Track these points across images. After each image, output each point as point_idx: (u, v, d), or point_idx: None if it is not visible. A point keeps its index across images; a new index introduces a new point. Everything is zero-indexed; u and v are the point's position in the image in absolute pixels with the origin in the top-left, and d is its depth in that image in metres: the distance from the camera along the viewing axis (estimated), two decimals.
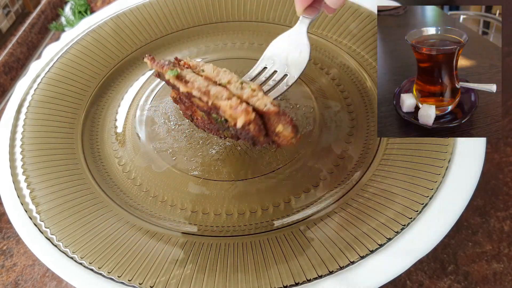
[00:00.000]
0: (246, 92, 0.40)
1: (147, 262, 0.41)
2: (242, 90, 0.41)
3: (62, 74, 0.58)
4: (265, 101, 0.39)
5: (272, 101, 0.39)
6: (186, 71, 0.43)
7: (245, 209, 0.46)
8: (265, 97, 0.40)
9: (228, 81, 0.42)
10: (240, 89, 0.41)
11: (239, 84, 0.41)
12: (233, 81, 0.42)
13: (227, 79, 0.42)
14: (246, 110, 0.38)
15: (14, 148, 0.51)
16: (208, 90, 0.40)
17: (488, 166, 0.58)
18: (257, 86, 0.41)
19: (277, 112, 0.39)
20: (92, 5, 0.86)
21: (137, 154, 0.52)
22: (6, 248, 0.56)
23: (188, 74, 0.43)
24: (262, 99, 0.39)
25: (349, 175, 0.48)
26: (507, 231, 0.52)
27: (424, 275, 0.50)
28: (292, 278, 0.39)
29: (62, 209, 0.45)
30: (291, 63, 0.46)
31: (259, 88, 0.41)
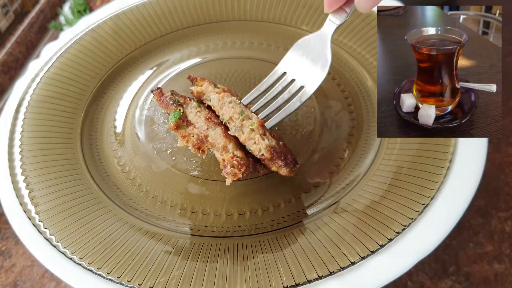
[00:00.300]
0: (244, 135, 0.43)
1: (146, 263, 0.40)
2: (241, 130, 0.44)
3: (61, 73, 0.58)
4: (260, 146, 0.42)
5: (267, 146, 0.42)
6: (190, 108, 0.47)
7: (245, 209, 0.46)
8: (261, 142, 0.42)
9: (230, 117, 0.45)
10: (240, 129, 0.44)
11: (240, 121, 0.44)
12: (235, 118, 0.45)
13: (229, 116, 0.45)
14: (233, 173, 0.42)
15: (13, 148, 0.51)
16: (206, 135, 0.45)
17: (490, 166, 0.58)
18: (257, 124, 0.43)
19: (270, 159, 0.42)
20: (91, 4, 0.86)
21: (136, 154, 0.52)
22: (5, 249, 0.56)
23: (191, 113, 0.46)
24: (258, 143, 0.43)
25: (349, 175, 0.48)
26: (509, 231, 0.52)
27: (425, 276, 0.49)
28: (292, 279, 0.38)
29: (61, 210, 0.45)
30: (309, 74, 0.46)
31: (259, 126, 0.43)
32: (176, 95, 0.48)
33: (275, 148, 0.43)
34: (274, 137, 0.44)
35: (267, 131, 0.44)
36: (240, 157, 0.43)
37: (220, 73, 0.60)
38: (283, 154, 0.43)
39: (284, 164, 0.42)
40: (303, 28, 0.63)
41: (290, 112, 0.46)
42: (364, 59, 0.58)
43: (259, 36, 0.64)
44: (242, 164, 0.42)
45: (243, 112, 0.45)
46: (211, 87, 0.48)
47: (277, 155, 0.42)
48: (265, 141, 0.43)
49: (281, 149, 0.43)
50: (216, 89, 0.48)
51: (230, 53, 0.63)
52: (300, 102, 0.45)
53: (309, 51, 0.46)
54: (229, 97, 0.46)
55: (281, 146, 0.44)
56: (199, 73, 0.60)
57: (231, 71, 0.60)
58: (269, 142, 0.43)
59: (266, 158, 0.42)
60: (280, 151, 0.43)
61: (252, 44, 0.63)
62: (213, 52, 0.63)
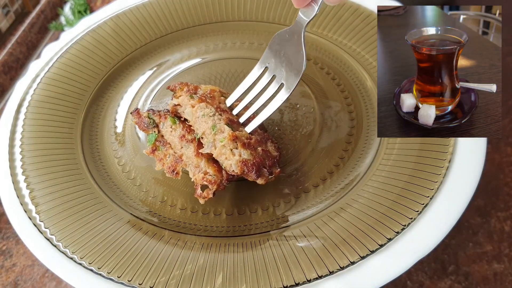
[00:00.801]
0: (216, 151, 0.43)
1: (147, 262, 0.41)
2: (214, 145, 0.44)
3: (61, 74, 0.58)
4: (231, 162, 0.42)
5: (237, 162, 0.42)
6: (165, 126, 0.47)
7: (245, 209, 0.46)
8: (232, 158, 0.42)
9: (203, 132, 0.45)
10: (213, 144, 0.44)
11: (213, 136, 0.44)
12: (207, 133, 0.44)
13: (202, 131, 0.45)
14: (203, 195, 0.43)
15: (13, 148, 0.51)
16: (181, 155, 0.46)
17: (489, 166, 0.58)
18: (228, 139, 0.43)
19: (242, 173, 0.42)
20: (91, 5, 0.86)
21: (137, 154, 0.52)
22: (5, 249, 0.56)
23: (166, 132, 0.47)
24: (229, 159, 0.42)
25: (349, 175, 0.48)
26: (508, 231, 0.52)
27: (424, 276, 0.50)
28: (292, 278, 0.38)
29: (61, 209, 0.45)
30: (287, 71, 0.46)
31: (230, 140, 0.43)
32: (153, 114, 0.47)
33: (246, 162, 0.42)
34: (250, 145, 0.43)
35: (240, 143, 0.43)
36: (212, 174, 0.43)
37: (220, 73, 0.60)
38: (256, 165, 0.42)
39: (256, 176, 0.42)
40: None
41: (269, 115, 0.45)
42: (363, 59, 0.58)
43: (259, 36, 0.64)
44: (213, 182, 0.43)
45: (214, 126, 0.44)
46: (187, 99, 0.47)
47: (249, 168, 0.42)
48: (235, 156, 0.42)
49: (256, 160, 0.42)
50: (191, 100, 0.46)
51: (230, 53, 0.63)
52: (281, 101, 0.45)
53: (286, 46, 0.46)
54: (203, 109, 0.45)
55: (258, 154, 0.43)
56: (199, 73, 0.60)
57: (231, 71, 0.60)
58: (241, 156, 0.42)
59: (237, 174, 0.42)
60: (254, 163, 0.42)
61: (252, 44, 0.64)
62: (213, 52, 0.63)
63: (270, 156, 0.44)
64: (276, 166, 0.44)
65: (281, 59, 0.46)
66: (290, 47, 0.45)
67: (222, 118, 0.45)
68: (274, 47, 0.47)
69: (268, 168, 0.43)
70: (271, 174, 0.43)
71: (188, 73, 0.61)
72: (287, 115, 0.54)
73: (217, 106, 0.47)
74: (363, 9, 0.61)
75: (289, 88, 0.45)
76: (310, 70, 0.59)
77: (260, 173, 0.42)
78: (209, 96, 0.48)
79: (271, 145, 0.46)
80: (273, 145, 0.47)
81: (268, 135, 0.48)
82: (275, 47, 0.47)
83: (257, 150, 0.43)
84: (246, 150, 0.42)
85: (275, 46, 0.46)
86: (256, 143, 0.44)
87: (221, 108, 0.47)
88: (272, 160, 0.44)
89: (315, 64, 0.60)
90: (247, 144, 0.43)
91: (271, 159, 0.44)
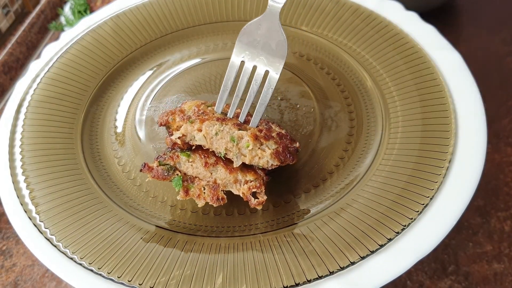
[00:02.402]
0: (247, 158, 0.43)
1: (147, 263, 0.41)
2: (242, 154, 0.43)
3: (61, 74, 0.58)
4: (266, 159, 0.43)
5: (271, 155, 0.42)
6: (182, 165, 0.45)
7: (245, 209, 0.46)
8: (265, 154, 0.42)
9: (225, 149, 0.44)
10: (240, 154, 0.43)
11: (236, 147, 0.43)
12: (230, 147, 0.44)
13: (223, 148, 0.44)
14: (259, 203, 0.43)
15: (13, 148, 0.51)
16: (215, 180, 0.44)
17: (489, 166, 0.58)
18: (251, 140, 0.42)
19: (281, 162, 0.43)
20: (91, 5, 0.86)
21: (137, 154, 0.52)
22: (5, 249, 0.56)
23: (188, 168, 0.45)
24: (263, 157, 0.42)
25: (349, 175, 0.48)
26: (508, 231, 0.52)
27: (424, 276, 0.50)
28: (292, 279, 0.38)
29: (61, 210, 0.45)
30: (268, 56, 0.45)
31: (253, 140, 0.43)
32: (164, 161, 0.45)
33: (277, 152, 0.43)
34: (267, 136, 0.44)
35: (262, 138, 0.43)
36: (253, 179, 0.43)
37: (220, 73, 0.60)
38: (285, 148, 0.43)
39: (292, 159, 0.43)
40: (303, 28, 0.63)
41: (267, 102, 0.45)
42: (363, 59, 0.58)
43: None
44: (258, 186, 0.43)
45: (233, 138, 0.43)
46: (188, 125, 0.45)
47: (284, 155, 0.43)
48: (266, 152, 0.43)
49: (282, 145, 0.43)
50: (195, 125, 0.45)
51: (230, 53, 0.62)
52: (271, 89, 0.45)
53: (260, 34, 0.45)
54: (212, 127, 0.44)
55: (278, 138, 0.44)
56: (199, 73, 0.60)
57: None
58: (270, 148, 0.43)
59: (277, 166, 0.43)
60: (283, 148, 0.43)
61: None
62: (213, 52, 0.63)
63: (284, 135, 0.45)
64: (294, 141, 0.45)
65: (257, 48, 0.46)
66: (266, 34, 0.45)
67: (230, 126, 0.44)
68: (244, 40, 0.46)
69: (291, 146, 0.44)
70: (296, 151, 0.44)
71: (188, 73, 0.61)
72: (287, 115, 0.54)
73: (217, 118, 0.45)
74: (363, 9, 0.61)
75: (276, 72, 0.45)
76: (310, 70, 0.59)
77: (292, 154, 0.44)
78: (201, 112, 0.47)
79: (275, 126, 0.47)
80: (276, 125, 0.48)
81: (266, 120, 0.49)
82: (245, 39, 0.46)
83: (274, 137, 0.44)
84: (270, 142, 0.43)
85: (246, 38, 0.46)
86: (268, 131, 0.45)
87: (220, 118, 0.45)
88: (289, 138, 0.45)
89: (315, 64, 0.60)
90: (267, 135, 0.44)
91: (287, 138, 0.45)
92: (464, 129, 0.47)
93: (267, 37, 0.45)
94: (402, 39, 0.57)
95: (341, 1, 0.62)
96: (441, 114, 0.49)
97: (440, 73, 0.52)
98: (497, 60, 0.73)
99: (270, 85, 0.45)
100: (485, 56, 0.74)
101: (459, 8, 0.83)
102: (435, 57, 0.55)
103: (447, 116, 0.48)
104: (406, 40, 0.57)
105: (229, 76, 0.47)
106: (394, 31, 0.58)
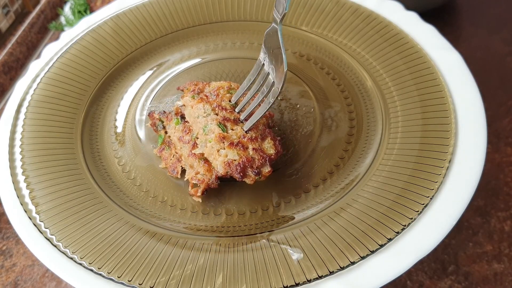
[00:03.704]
0: (206, 151, 0.45)
1: (147, 262, 0.41)
2: (206, 145, 0.45)
3: (61, 74, 0.58)
4: (217, 162, 0.43)
5: (222, 162, 0.43)
6: (171, 127, 0.50)
7: (245, 209, 0.46)
8: (218, 158, 0.43)
9: (197, 133, 0.46)
10: (205, 145, 0.45)
11: (205, 136, 0.45)
12: (200, 133, 0.46)
13: (197, 131, 0.47)
14: (190, 193, 0.46)
15: (13, 148, 0.51)
16: (181, 154, 0.48)
17: (489, 166, 0.58)
18: (216, 139, 0.44)
19: (226, 173, 0.43)
20: (91, 5, 0.86)
21: (137, 154, 0.52)
22: (5, 249, 0.56)
23: (172, 133, 0.50)
24: (216, 158, 0.44)
25: (349, 175, 0.48)
26: (508, 231, 0.52)
27: (424, 275, 0.50)
28: (292, 279, 0.38)
29: (61, 209, 0.45)
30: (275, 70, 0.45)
31: (218, 141, 0.44)
32: (162, 116, 0.49)
33: (230, 163, 0.43)
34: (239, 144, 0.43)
35: (227, 143, 0.43)
36: (202, 173, 0.45)
37: (220, 73, 0.60)
38: (242, 166, 0.42)
39: (241, 177, 0.43)
40: (303, 28, 0.63)
41: (263, 113, 0.45)
42: (363, 59, 0.58)
43: (259, 36, 0.64)
44: (202, 181, 0.45)
45: (206, 126, 0.45)
46: (190, 99, 0.48)
47: (232, 169, 0.42)
48: (221, 157, 0.43)
49: (242, 160, 0.43)
50: (192, 101, 0.47)
51: (230, 53, 0.63)
52: (271, 101, 0.45)
53: (271, 45, 0.46)
54: (199, 110, 0.46)
55: (247, 154, 0.43)
56: (199, 73, 0.60)
57: (231, 71, 0.60)
58: (227, 156, 0.43)
59: (222, 174, 0.43)
60: (239, 163, 0.42)
61: (252, 44, 0.64)
62: (213, 52, 0.63)
63: (261, 155, 0.44)
64: (266, 166, 0.44)
65: (271, 57, 0.46)
66: (274, 45, 0.45)
67: (216, 118, 0.46)
68: (266, 45, 0.47)
69: (256, 168, 0.43)
70: (258, 174, 0.43)
71: (188, 73, 0.61)
72: (287, 115, 0.54)
73: (218, 105, 0.47)
74: (363, 9, 0.61)
75: (277, 87, 0.45)
76: (310, 70, 0.59)
77: (245, 173, 0.43)
78: (214, 94, 0.49)
79: (269, 143, 0.45)
80: (273, 143, 0.46)
81: (270, 132, 0.47)
82: (267, 44, 0.47)
83: (247, 149, 0.43)
84: (233, 150, 0.43)
85: (267, 43, 0.46)
86: (249, 141, 0.44)
87: (221, 106, 0.47)
88: (263, 160, 0.43)
89: (315, 64, 0.60)
90: (236, 143, 0.43)
91: (262, 159, 0.43)
92: (464, 129, 0.47)
93: (276, 49, 0.45)
94: (402, 39, 0.57)
95: (341, 1, 0.62)
96: (441, 114, 0.49)
97: (440, 73, 0.52)
98: (497, 60, 0.73)
99: (271, 98, 0.45)
100: (485, 56, 0.74)
101: (459, 8, 0.83)
102: (435, 57, 0.55)
103: (447, 116, 0.48)
104: (406, 40, 0.57)
105: (253, 72, 0.48)
106: (394, 31, 0.58)
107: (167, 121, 0.50)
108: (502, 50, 0.75)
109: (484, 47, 0.76)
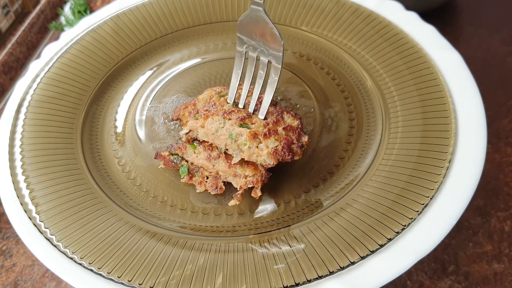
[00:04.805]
0: (245, 154, 0.44)
1: (147, 263, 0.41)
2: (241, 150, 0.45)
3: (61, 73, 0.58)
4: (263, 157, 0.44)
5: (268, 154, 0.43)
6: (189, 155, 0.48)
7: (245, 209, 0.46)
8: (262, 153, 0.43)
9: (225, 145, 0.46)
10: (240, 150, 0.45)
11: (235, 144, 0.45)
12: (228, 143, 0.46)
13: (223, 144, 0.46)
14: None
15: (13, 148, 0.51)
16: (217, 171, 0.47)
17: (489, 166, 0.58)
18: (249, 139, 0.44)
19: (278, 161, 0.43)
20: (91, 5, 0.86)
21: (137, 155, 0.52)
22: (5, 249, 0.56)
23: (194, 159, 0.48)
24: (260, 155, 0.44)
25: (349, 175, 0.48)
26: (508, 231, 0.52)
27: (424, 275, 0.50)
28: (292, 279, 0.38)
29: (61, 209, 0.45)
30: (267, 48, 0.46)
31: (251, 139, 0.44)
32: (173, 150, 0.49)
33: (276, 151, 0.43)
34: (270, 131, 0.44)
35: (261, 136, 0.44)
36: (252, 174, 0.45)
37: (220, 73, 0.60)
38: (286, 147, 0.43)
39: (291, 157, 0.43)
40: (303, 28, 0.63)
41: (273, 92, 0.46)
42: (363, 59, 0.58)
43: None
44: (255, 182, 0.44)
45: (231, 134, 0.45)
46: (193, 122, 0.48)
47: (281, 154, 0.43)
48: (264, 150, 0.43)
49: (283, 142, 0.43)
50: (198, 122, 0.47)
51: (230, 53, 0.63)
52: (276, 79, 0.45)
53: (254, 29, 0.46)
54: (213, 124, 0.46)
55: (282, 135, 0.44)
56: (199, 73, 0.60)
57: (231, 71, 0.60)
58: (269, 147, 0.43)
59: (274, 165, 0.44)
60: (283, 146, 0.43)
61: None
62: (213, 52, 0.63)
63: (292, 129, 0.45)
64: (302, 135, 0.45)
65: (256, 39, 0.46)
66: (259, 29, 0.45)
67: (233, 122, 0.46)
68: (243, 32, 0.47)
69: (296, 142, 0.44)
70: (302, 147, 0.44)
71: (188, 73, 0.61)
72: None
73: (224, 111, 0.47)
74: (363, 9, 0.61)
75: (277, 62, 0.45)
76: (310, 70, 0.59)
77: (292, 151, 0.44)
78: (211, 104, 0.48)
79: (288, 117, 0.47)
80: (290, 115, 0.47)
81: (281, 107, 0.48)
82: (243, 31, 0.47)
83: (278, 132, 0.44)
84: (270, 139, 0.44)
85: (243, 30, 0.47)
86: (274, 125, 0.45)
87: (226, 111, 0.47)
88: (297, 132, 0.45)
89: (315, 64, 0.60)
90: (268, 132, 0.44)
91: (295, 132, 0.45)
92: (464, 129, 0.47)
93: (262, 31, 0.46)
94: (402, 39, 0.57)
95: (341, 1, 0.62)
96: (441, 114, 0.49)
97: (440, 73, 0.52)
98: (497, 60, 0.73)
99: (274, 75, 0.46)
100: (485, 56, 0.74)
101: (459, 8, 0.83)
102: (435, 57, 0.55)
103: (447, 116, 0.48)
104: (406, 40, 0.57)
105: (238, 65, 0.48)
106: (394, 31, 0.58)
107: (181, 151, 0.49)
108: (502, 50, 0.75)
109: (484, 47, 0.76)
